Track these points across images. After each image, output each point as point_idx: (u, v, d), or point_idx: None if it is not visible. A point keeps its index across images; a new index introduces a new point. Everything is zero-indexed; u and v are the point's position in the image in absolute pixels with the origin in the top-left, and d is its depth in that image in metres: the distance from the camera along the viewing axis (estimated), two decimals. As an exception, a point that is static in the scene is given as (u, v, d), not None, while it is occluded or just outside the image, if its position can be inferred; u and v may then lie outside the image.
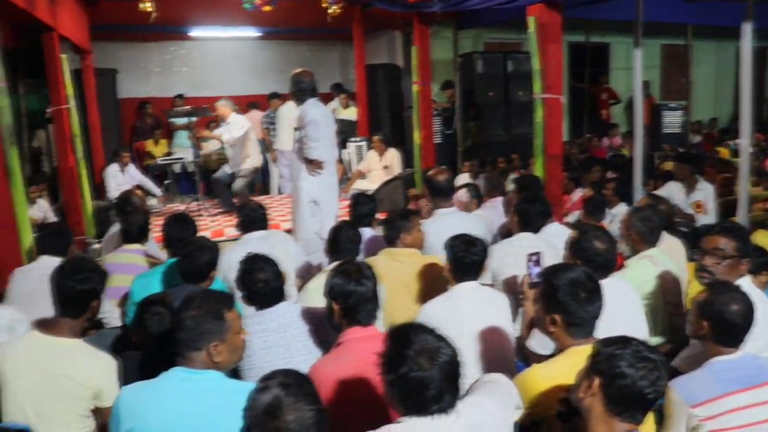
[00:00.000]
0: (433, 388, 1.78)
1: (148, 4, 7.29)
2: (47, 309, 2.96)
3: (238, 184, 7.64)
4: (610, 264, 2.99)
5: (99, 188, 8.02)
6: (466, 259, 3.03)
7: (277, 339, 2.79)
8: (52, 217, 6.93)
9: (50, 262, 3.68)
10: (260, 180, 9.67)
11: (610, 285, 2.56)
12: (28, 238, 4.37)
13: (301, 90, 5.37)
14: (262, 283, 2.87)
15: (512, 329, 2.99)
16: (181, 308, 2.17)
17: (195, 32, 10.51)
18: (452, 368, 1.82)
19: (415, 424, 1.81)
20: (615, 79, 12.44)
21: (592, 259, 2.87)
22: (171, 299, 2.84)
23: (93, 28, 8.54)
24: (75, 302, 2.67)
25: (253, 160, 7.70)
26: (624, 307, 2.85)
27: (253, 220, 4.16)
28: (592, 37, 11.43)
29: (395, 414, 1.86)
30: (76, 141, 6.80)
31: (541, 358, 2.56)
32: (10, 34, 5.62)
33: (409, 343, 1.82)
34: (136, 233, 4.24)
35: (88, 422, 2.60)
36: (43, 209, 6.90)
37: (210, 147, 8.48)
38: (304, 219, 5.42)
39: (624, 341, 1.82)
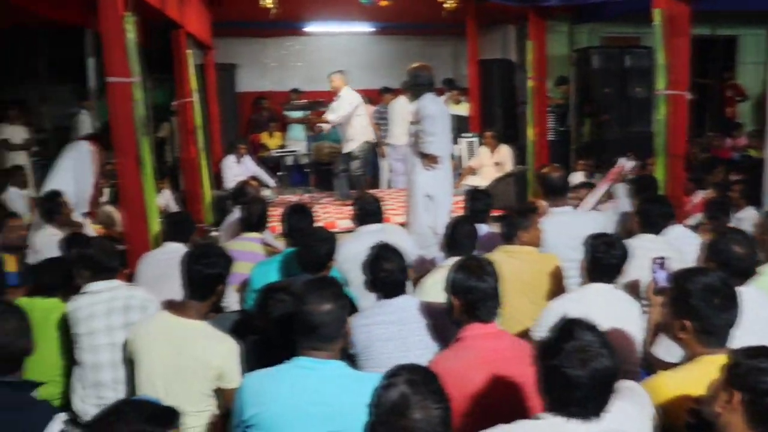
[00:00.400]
0: (578, 390, 1.71)
1: (269, 0, 7.50)
2: (172, 291, 3.12)
3: (353, 166, 7.68)
4: (749, 271, 2.80)
5: (216, 178, 8.31)
6: (604, 260, 2.93)
7: (395, 331, 2.80)
8: (174, 206, 7.28)
9: (175, 248, 3.90)
10: (370, 174, 9.77)
11: (747, 293, 2.40)
12: (155, 225, 4.57)
13: (419, 84, 5.40)
14: (387, 272, 2.91)
15: (640, 336, 2.87)
16: (310, 304, 2.17)
17: (310, 28, 10.71)
18: (606, 378, 1.74)
19: (551, 423, 1.76)
20: (742, 74, 11.64)
21: (730, 263, 2.70)
22: (293, 287, 2.91)
23: (215, 25, 8.82)
24: (202, 286, 2.77)
25: (360, 136, 7.61)
26: (762, 318, 2.67)
27: (369, 213, 4.18)
28: (719, 29, 10.82)
29: (525, 411, 1.81)
30: (198, 133, 7.08)
31: (667, 366, 2.44)
32: (141, 32, 5.90)
33: (569, 337, 1.77)
34: (255, 222, 4.34)
35: (211, 401, 2.70)
36: (165, 198, 7.27)
37: (329, 127, 8.55)
38: (419, 213, 5.42)
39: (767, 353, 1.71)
